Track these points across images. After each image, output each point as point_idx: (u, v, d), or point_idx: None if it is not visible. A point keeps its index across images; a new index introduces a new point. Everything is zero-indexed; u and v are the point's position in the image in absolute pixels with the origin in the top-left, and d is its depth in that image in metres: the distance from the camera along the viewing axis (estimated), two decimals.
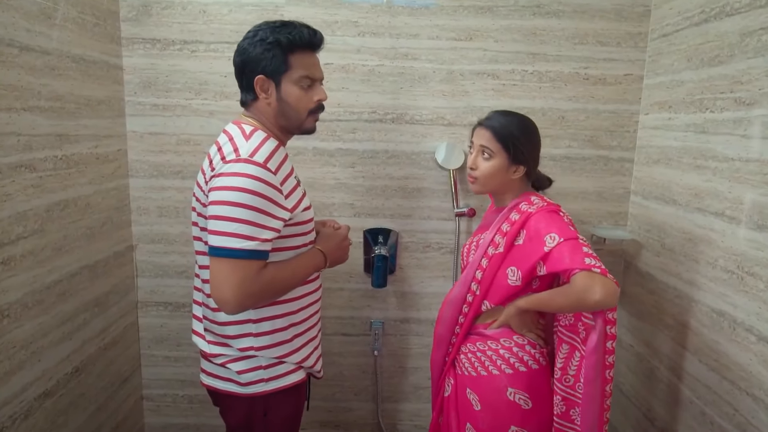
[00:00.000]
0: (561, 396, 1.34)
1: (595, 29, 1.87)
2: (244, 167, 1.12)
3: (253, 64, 1.21)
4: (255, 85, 1.22)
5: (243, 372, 1.27)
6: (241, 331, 1.26)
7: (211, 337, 1.31)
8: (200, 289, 1.33)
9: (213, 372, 1.32)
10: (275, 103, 1.24)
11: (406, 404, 2.16)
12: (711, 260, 1.51)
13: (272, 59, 1.20)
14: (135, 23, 1.84)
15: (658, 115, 1.80)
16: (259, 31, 1.22)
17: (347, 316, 2.07)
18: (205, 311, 1.31)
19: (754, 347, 1.34)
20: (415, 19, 1.85)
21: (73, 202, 1.60)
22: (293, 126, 1.29)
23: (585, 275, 1.18)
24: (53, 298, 1.52)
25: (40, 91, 1.43)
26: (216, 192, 1.12)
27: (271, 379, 1.29)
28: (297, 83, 1.23)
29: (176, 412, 2.13)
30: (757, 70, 1.34)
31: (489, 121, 1.40)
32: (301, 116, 1.27)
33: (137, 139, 1.91)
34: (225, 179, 1.12)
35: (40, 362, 1.48)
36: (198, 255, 1.31)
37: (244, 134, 1.20)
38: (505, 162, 1.37)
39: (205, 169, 1.22)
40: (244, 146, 1.16)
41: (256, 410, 1.31)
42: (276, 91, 1.23)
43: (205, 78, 1.87)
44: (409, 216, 2.00)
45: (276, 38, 1.19)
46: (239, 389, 1.29)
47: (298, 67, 1.22)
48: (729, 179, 1.44)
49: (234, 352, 1.27)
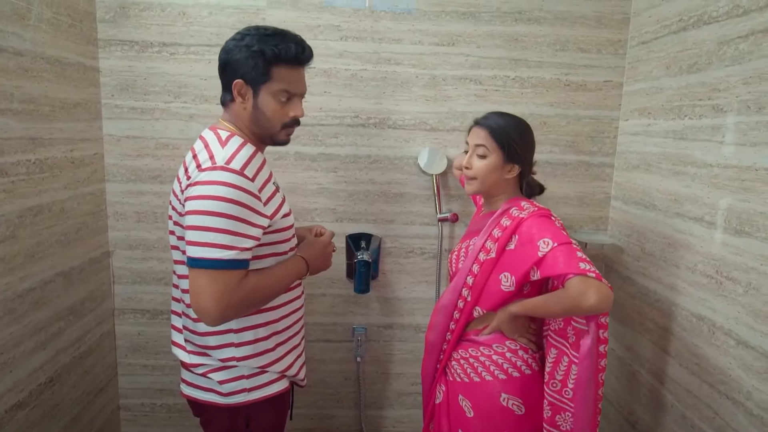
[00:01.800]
0: (548, 401, 1.34)
1: (575, 36, 1.89)
2: (220, 175, 1.09)
3: (234, 66, 1.19)
4: (233, 87, 1.20)
5: (225, 382, 1.24)
6: (222, 341, 1.23)
7: (192, 348, 1.27)
8: (179, 299, 1.30)
9: (194, 382, 1.29)
10: (251, 109, 1.22)
11: (389, 410, 2.15)
12: (690, 265, 1.53)
13: (254, 68, 1.18)
14: (112, 24, 1.80)
15: (638, 121, 1.82)
16: (247, 35, 1.19)
17: (329, 322, 2.05)
18: (185, 321, 1.28)
19: (733, 351, 1.35)
20: (398, 24, 1.85)
21: (47, 208, 1.56)
22: (265, 135, 1.26)
23: (580, 280, 1.18)
24: (26, 306, 1.47)
25: (13, 93, 1.39)
26: (192, 201, 1.10)
27: (253, 388, 1.26)
28: (275, 96, 1.21)
29: (154, 422, 2.08)
30: (734, 78, 1.37)
31: (485, 120, 1.40)
32: (275, 128, 1.25)
33: (114, 142, 1.87)
34: (201, 188, 1.09)
35: (12, 373, 1.43)
36: (176, 264, 1.27)
37: (220, 140, 1.17)
38: (500, 160, 1.37)
39: (181, 177, 1.19)
40: (219, 153, 1.14)
41: (239, 421, 1.28)
42: (253, 98, 1.21)
43: (185, 81, 1.84)
44: (392, 221, 1.99)
45: (261, 48, 1.17)
46: (221, 399, 1.26)
47: (279, 80, 1.20)
48: (707, 185, 1.46)
49: (215, 362, 1.25)
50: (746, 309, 1.31)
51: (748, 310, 1.30)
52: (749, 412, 1.29)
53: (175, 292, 1.32)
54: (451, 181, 1.96)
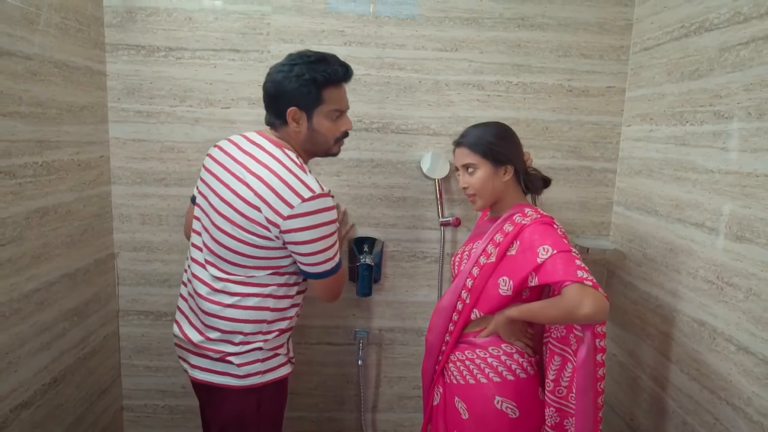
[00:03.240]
0: (554, 407, 1.34)
1: (578, 42, 1.90)
2: (322, 202, 1.27)
3: (287, 96, 1.30)
4: (287, 115, 1.31)
5: (243, 365, 1.34)
6: (256, 329, 1.35)
7: (215, 335, 1.35)
8: (205, 282, 1.36)
9: (209, 367, 1.37)
10: (306, 131, 1.34)
11: (390, 414, 2.15)
12: (692, 270, 1.53)
13: (307, 95, 1.29)
14: (119, 29, 1.82)
15: (640, 126, 1.83)
16: (295, 66, 1.29)
17: (332, 325, 2.06)
18: (209, 307, 1.34)
19: (734, 357, 1.35)
20: (401, 30, 1.87)
21: (53, 209, 1.58)
22: (320, 151, 1.41)
23: (576, 288, 1.19)
24: (31, 307, 1.49)
25: (21, 97, 1.41)
26: (305, 232, 1.26)
27: (267, 371, 1.38)
28: (328, 116, 1.34)
29: (157, 423, 2.10)
30: (736, 85, 1.37)
31: (462, 138, 1.44)
32: (329, 144, 1.39)
33: (120, 145, 1.89)
34: (310, 218, 1.25)
35: (17, 372, 1.44)
36: (194, 249, 1.39)
37: (299, 166, 1.30)
38: (490, 169, 1.39)
39: (269, 199, 1.25)
40: (310, 181, 1.28)
41: (250, 402, 1.38)
42: (307, 122, 1.33)
43: (190, 85, 1.86)
44: (395, 225, 2.00)
45: (312, 76, 1.28)
46: (236, 382, 1.35)
47: (330, 101, 1.33)
48: (709, 191, 1.46)
49: (235, 348, 1.34)
50: (747, 315, 1.31)
51: (749, 316, 1.31)
52: (749, 418, 1.29)
53: (196, 284, 1.38)
54: (453, 185, 1.97)
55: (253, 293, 1.33)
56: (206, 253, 1.36)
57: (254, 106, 1.88)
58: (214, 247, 1.33)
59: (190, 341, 1.39)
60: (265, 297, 1.34)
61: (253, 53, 1.85)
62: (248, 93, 1.87)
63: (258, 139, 1.35)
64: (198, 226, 1.40)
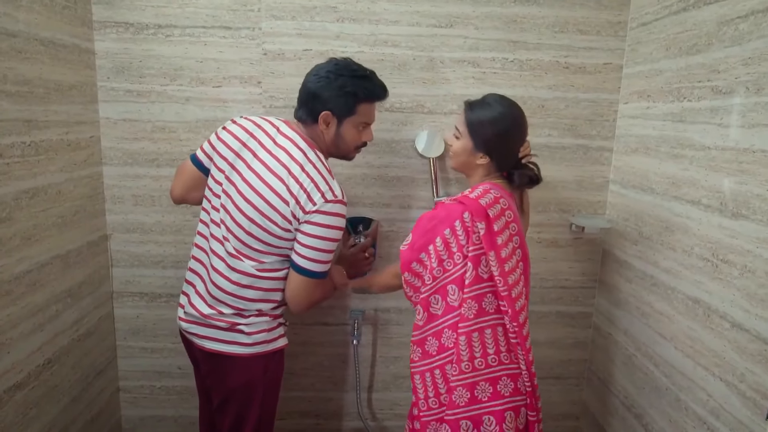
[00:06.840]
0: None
1: (575, 17, 1.87)
2: (340, 208, 1.37)
3: (324, 100, 1.38)
4: (320, 117, 1.38)
5: (252, 333, 1.43)
6: (269, 307, 1.46)
7: (227, 309, 1.43)
8: (223, 258, 1.42)
9: (218, 337, 1.44)
10: (332, 135, 1.43)
11: (386, 393, 2.16)
12: (687, 248, 1.52)
13: (344, 105, 1.39)
14: (107, 6, 1.78)
15: (637, 104, 1.81)
16: (340, 76, 1.37)
17: (326, 305, 2.05)
18: (224, 284, 1.41)
19: (728, 334, 1.35)
20: (395, 6, 1.83)
21: (43, 190, 1.56)
22: (339, 154, 1.51)
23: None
24: (23, 288, 1.48)
25: (6, 75, 1.38)
26: (318, 228, 1.35)
27: (272, 340, 1.47)
28: (355, 126, 1.44)
29: (153, 403, 2.10)
30: (734, 59, 1.35)
31: (470, 106, 1.43)
32: (350, 150, 1.50)
33: (110, 125, 1.86)
34: (327, 218, 1.35)
35: (10, 354, 1.44)
36: (212, 225, 1.44)
37: (328, 170, 1.40)
38: (470, 146, 1.41)
39: (295, 190, 1.34)
40: (335, 186, 1.38)
41: (257, 369, 1.46)
42: (336, 127, 1.42)
43: (180, 63, 1.83)
44: (389, 205, 1.98)
45: (354, 90, 1.38)
46: (245, 350, 1.43)
47: (361, 114, 1.43)
48: (705, 168, 1.45)
49: (245, 320, 1.43)
50: (741, 292, 1.31)
51: (743, 293, 1.30)
52: (743, 394, 1.30)
53: (217, 263, 1.43)
54: (448, 164, 1.95)
55: (267, 276, 1.42)
56: (224, 231, 1.40)
57: (246, 84, 1.85)
58: (234, 228, 1.39)
59: (198, 312, 1.44)
60: (280, 280, 1.43)
61: (244, 30, 1.82)
62: (240, 71, 1.84)
63: (289, 133, 1.41)
64: (217, 203, 1.43)
